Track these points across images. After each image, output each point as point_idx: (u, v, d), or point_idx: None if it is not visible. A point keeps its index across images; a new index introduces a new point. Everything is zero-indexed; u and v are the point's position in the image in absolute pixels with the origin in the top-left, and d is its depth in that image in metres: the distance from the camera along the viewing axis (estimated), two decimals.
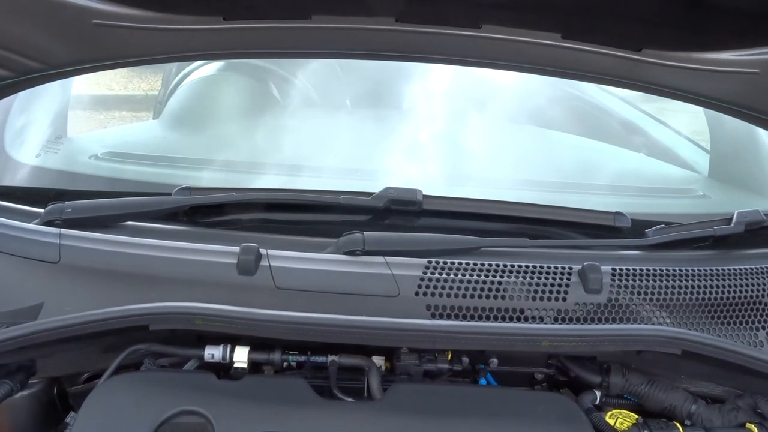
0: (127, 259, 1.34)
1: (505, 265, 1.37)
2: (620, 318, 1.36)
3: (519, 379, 1.41)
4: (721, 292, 1.42)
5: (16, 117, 1.84)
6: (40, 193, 1.62)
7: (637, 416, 1.32)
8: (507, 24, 1.19)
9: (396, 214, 1.54)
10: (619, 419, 1.31)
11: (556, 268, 1.38)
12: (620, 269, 1.40)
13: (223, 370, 1.28)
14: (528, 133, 2.23)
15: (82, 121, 3.22)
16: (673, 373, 1.39)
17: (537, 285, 1.35)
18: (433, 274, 1.35)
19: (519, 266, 1.37)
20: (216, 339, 1.27)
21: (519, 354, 1.36)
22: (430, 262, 1.36)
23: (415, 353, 1.31)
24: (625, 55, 1.22)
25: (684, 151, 2.39)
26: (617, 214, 1.57)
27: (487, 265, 1.37)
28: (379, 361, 1.32)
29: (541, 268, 1.38)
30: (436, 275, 1.35)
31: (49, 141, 1.87)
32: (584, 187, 1.92)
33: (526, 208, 1.57)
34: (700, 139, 2.36)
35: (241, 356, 1.27)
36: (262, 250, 1.34)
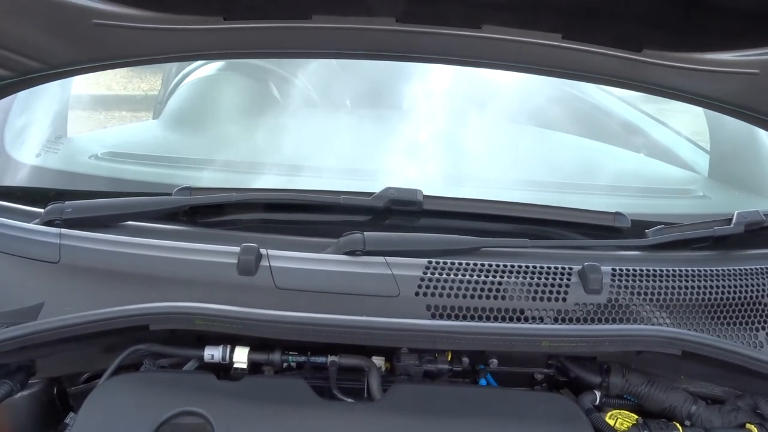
0: (127, 259, 1.34)
1: (505, 266, 1.37)
2: (620, 318, 1.36)
3: (519, 380, 1.41)
4: (721, 293, 1.42)
5: (16, 117, 1.83)
6: (40, 193, 1.62)
7: (637, 417, 1.32)
8: (507, 24, 1.19)
9: (396, 215, 1.54)
10: (619, 419, 1.31)
11: (556, 269, 1.38)
12: (620, 269, 1.41)
13: (223, 371, 1.28)
14: (528, 134, 2.23)
15: (82, 121, 3.21)
16: (673, 374, 1.39)
17: (537, 285, 1.36)
18: (434, 274, 1.35)
19: (519, 266, 1.38)
20: (216, 339, 1.27)
21: (519, 354, 1.36)
22: (430, 263, 1.36)
23: (415, 353, 1.31)
24: (626, 55, 1.22)
25: (684, 152, 2.38)
26: (617, 214, 1.57)
27: (487, 266, 1.37)
28: (379, 361, 1.32)
29: (541, 268, 1.38)
30: (436, 275, 1.35)
31: (49, 141, 1.87)
32: (584, 188, 1.92)
33: (526, 209, 1.57)
34: (700, 140, 2.36)
35: (240, 357, 1.27)
36: (263, 250, 1.34)
